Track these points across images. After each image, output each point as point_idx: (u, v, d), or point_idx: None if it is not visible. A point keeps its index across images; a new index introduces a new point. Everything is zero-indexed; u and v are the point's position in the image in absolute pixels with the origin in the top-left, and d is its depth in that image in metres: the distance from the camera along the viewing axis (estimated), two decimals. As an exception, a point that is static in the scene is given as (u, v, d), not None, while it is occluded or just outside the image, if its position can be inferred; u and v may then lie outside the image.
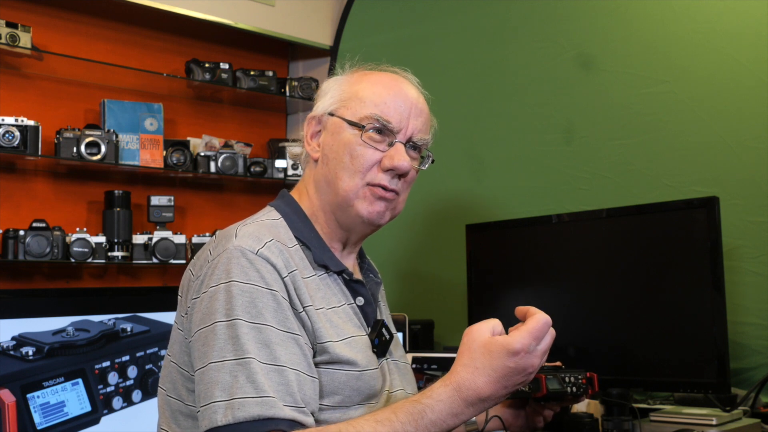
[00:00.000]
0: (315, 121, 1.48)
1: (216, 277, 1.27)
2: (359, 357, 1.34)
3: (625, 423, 1.81)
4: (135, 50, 3.02)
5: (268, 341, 1.22)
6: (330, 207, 1.44)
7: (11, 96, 2.71)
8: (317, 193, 1.45)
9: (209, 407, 1.19)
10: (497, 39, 2.75)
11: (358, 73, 1.49)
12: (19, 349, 2.31)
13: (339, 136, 1.42)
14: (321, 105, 1.47)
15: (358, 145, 1.40)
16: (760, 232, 2.13)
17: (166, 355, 1.42)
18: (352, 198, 1.40)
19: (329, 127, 1.45)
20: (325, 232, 1.45)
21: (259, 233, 1.32)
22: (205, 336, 1.24)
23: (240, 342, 1.21)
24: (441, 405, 1.19)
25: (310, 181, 1.47)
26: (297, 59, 3.50)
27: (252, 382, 1.18)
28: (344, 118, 1.42)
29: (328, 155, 1.43)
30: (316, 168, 1.46)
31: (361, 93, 1.43)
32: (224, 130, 3.25)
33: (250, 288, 1.25)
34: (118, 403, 2.49)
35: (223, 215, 3.19)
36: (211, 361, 1.21)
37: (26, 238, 2.52)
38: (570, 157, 2.53)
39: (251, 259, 1.27)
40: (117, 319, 2.54)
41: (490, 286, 2.29)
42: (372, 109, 1.41)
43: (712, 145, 2.24)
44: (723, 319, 1.81)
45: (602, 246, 2.07)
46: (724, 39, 2.24)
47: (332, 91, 1.47)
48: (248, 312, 1.23)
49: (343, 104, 1.44)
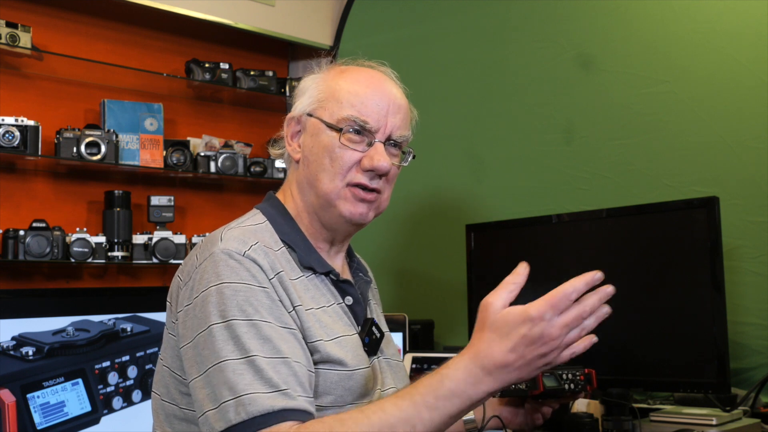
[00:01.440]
0: (294, 122, 1.47)
1: (206, 281, 1.27)
2: (349, 356, 1.34)
3: (625, 423, 1.81)
4: (135, 50, 3.02)
5: (268, 336, 1.22)
6: (313, 208, 1.44)
7: (11, 96, 2.71)
8: (300, 194, 1.45)
9: (219, 408, 1.18)
10: (497, 39, 2.75)
11: (335, 70, 1.47)
12: (19, 349, 2.31)
13: (318, 138, 1.42)
14: (299, 105, 1.47)
15: (337, 147, 1.39)
16: (760, 232, 2.13)
17: (159, 359, 1.42)
18: (334, 199, 1.40)
19: (308, 129, 1.44)
20: (310, 233, 1.45)
21: (244, 237, 1.32)
22: (203, 340, 1.23)
23: (241, 341, 1.21)
24: (459, 373, 1.13)
25: (293, 182, 1.47)
26: (297, 59, 3.50)
27: (261, 378, 1.18)
28: (322, 120, 1.41)
29: (309, 157, 1.43)
30: (297, 169, 1.46)
31: (337, 93, 1.42)
32: (224, 130, 3.25)
33: (243, 287, 1.25)
34: (118, 403, 2.49)
35: (223, 215, 3.19)
36: (213, 364, 1.21)
37: (26, 238, 2.52)
38: (570, 157, 2.53)
39: (239, 260, 1.27)
40: (117, 319, 2.54)
41: (490, 286, 2.28)
42: (349, 111, 1.40)
43: (712, 145, 2.24)
44: (723, 319, 1.81)
45: (602, 246, 2.07)
46: (724, 39, 2.24)
47: (310, 90, 1.46)
48: (243, 310, 1.23)
49: (321, 105, 1.43)
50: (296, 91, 1.50)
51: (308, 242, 1.43)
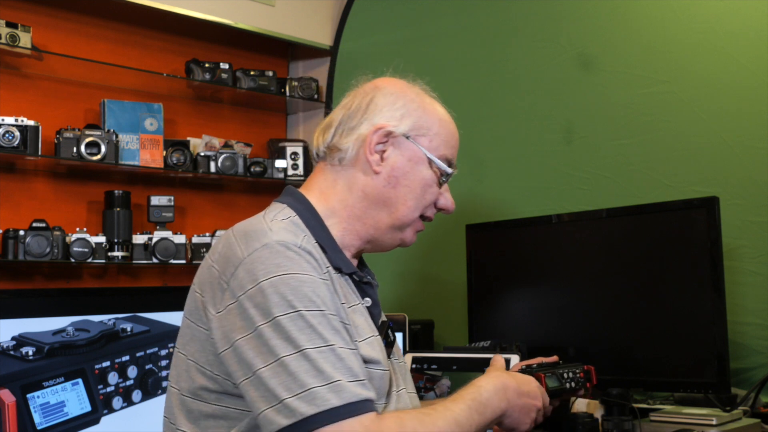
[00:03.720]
0: (384, 135, 1.43)
1: (264, 271, 1.23)
2: (380, 357, 1.34)
3: (625, 423, 1.81)
4: (135, 50, 3.02)
5: (338, 328, 1.23)
6: (373, 222, 1.43)
7: (11, 96, 2.71)
8: (355, 201, 1.43)
9: (303, 395, 1.15)
10: (497, 39, 2.75)
11: (421, 96, 1.49)
12: (19, 349, 2.31)
13: (416, 167, 1.44)
14: (388, 117, 1.43)
15: (434, 184, 1.46)
16: (760, 232, 2.13)
17: (177, 353, 1.36)
18: (406, 225, 1.45)
19: (403, 150, 1.43)
20: (340, 237, 1.43)
21: (292, 229, 1.31)
22: (269, 331, 1.19)
23: (317, 330, 1.19)
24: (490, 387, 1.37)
25: (343, 185, 1.43)
26: (297, 59, 3.50)
27: (344, 367, 1.18)
28: (426, 152, 1.44)
29: (399, 178, 1.42)
30: (366, 177, 1.42)
31: (436, 127, 1.46)
32: (224, 130, 3.25)
33: (307, 278, 1.24)
34: (118, 403, 2.49)
35: (223, 215, 3.19)
36: (285, 354, 1.17)
37: (26, 238, 2.52)
38: (570, 157, 2.53)
39: (297, 252, 1.25)
40: (117, 319, 2.54)
41: (490, 286, 2.29)
42: (448, 151, 1.48)
43: (712, 145, 2.24)
44: (723, 319, 1.81)
45: (602, 246, 2.07)
46: (724, 39, 2.24)
47: (402, 109, 1.44)
48: (312, 301, 1.22)
49: (420, 132, 1.44)
50: (377, 97, 1.45)
51: (336, 243, 1.41)
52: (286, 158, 3.15)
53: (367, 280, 1.45)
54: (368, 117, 1.43)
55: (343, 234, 1.43)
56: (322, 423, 1.14)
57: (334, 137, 1.45)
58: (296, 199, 1.43)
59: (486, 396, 1.34)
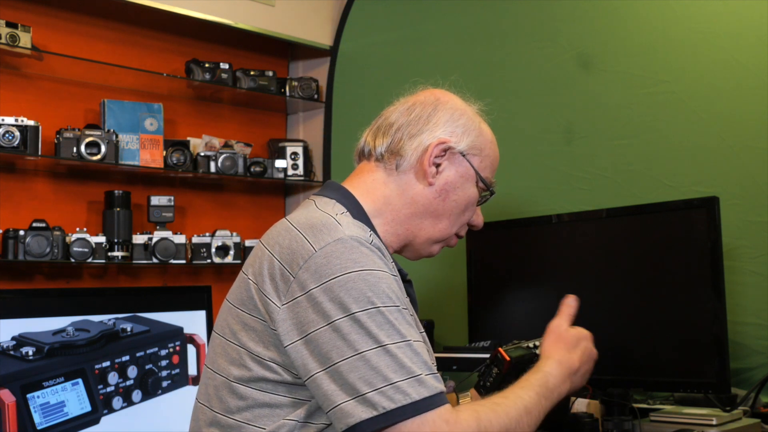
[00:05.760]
0: (444, 149, 1.48)
1: (340, 266, 1.23)
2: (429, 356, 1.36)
3: (625, 423, 1.81)
4: (135, 50, 3.02)
5: (411, 323, 1.26)
6: (412, 227, 1.48)
7: (11, 96, 2.71)
8: (402, 206, 1.47)
9: (384, 389, 1.17)
10: (497, 39, 2.75)
11: (478, 117, 1.57)
12: (19, 349, 2.31)
13: (466, 185, 1.50)
14: (452, 133, 1.49)
15: (475, 204, 1.54)
16: (760, 232, 2.13)
17: (226, 342, 1.34)
18: (441, 238, 1.51)
19: (458, 166, 1.49)
20: (384, 236, 1.46)
21: (359, 225, 1.34)
22: (347, 325, 1.21)
23: (395, 326, 1.22)
24: (556, 372, 1.44)
25: (394, 188, 1.47)
26: (297, 59, 3.50)
27: (420, 360, 1.21)
28: (478, 173, 1.51)
29: (449, 192, 1.48)
30: (419, 186, 1.47)
31: (487, 149, 1.54)
32: (224, 130, 3.25)
33: (384, 275, 1.26)
34: (118, 403, 2.49)
35: (223, 215, 3.19)
36: (366, 349, 1.19)
37: (26, 238, 2.52)
38: (570, 157, 2.53)
39: (370, 248, 1.28)
40: (117, 319, 2.54)
41: (490, 286, 2.29)
42: (492, 174, 1.55)
43: (712, 145, 2.24)
44: (723, 319, 1.81)
45: (602, 246, 2.07)
46: (724, 39, 2.24)
47: (463, 127, 1.51)
48: (389, 297, 1.24)
49: (474, 152, 1.51)
50: (440, 110, 1.52)
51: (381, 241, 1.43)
52: (286, 158, 3.15)
53: (409, 278, 1.49)
54: (430, 128, 1.49)
55: (385, 235, 1.46)
56: (404, 417, 1.17)
57: (394, 142, 1.48)
58: (343, 195, 1.45)
59: (553, 382, 1.41)
